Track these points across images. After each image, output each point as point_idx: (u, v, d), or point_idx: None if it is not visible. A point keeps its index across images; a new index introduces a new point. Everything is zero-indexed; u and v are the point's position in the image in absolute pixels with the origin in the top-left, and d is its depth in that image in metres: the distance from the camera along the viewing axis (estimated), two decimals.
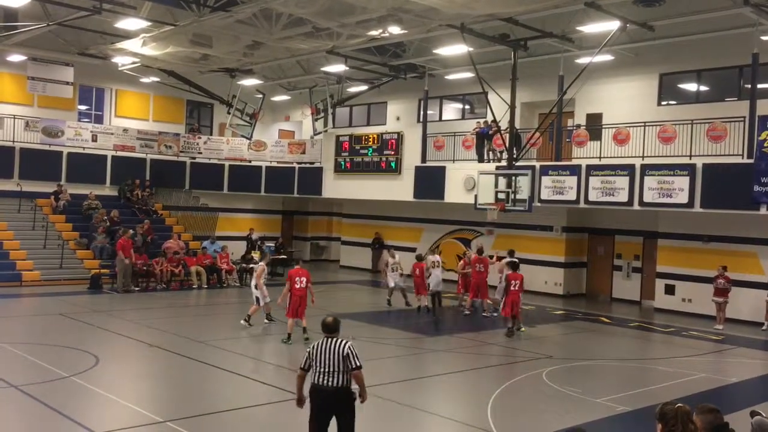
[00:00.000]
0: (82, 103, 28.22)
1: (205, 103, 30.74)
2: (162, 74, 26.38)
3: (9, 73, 25.24)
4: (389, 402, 10.66)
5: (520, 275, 17.02)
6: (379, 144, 26.85)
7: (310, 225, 33.99)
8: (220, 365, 12.52)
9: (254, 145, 29.78)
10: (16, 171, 24.99)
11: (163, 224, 26.93)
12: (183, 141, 29.33)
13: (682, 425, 4.59)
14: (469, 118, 26.31)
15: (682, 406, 4.68)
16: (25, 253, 22.05)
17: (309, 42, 21.29)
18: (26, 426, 9.16)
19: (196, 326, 16.62)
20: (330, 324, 7.39)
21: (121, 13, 18.64)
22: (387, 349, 14.82)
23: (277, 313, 16.63)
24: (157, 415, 9.48)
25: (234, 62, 25.00)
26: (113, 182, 27.34)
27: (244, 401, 10.55)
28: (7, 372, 11.23)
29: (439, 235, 27.65)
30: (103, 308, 18.33)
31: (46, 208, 24.70)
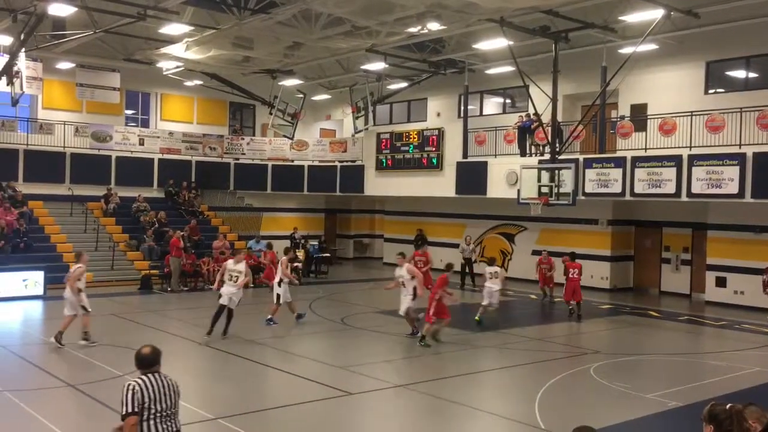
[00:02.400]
0: (129, 107, 28.87)
1: (248, 105, 31.14)
2: (205, 77, 26.84)
3: (58, 81, 25.95)
4: (436, 398, 10.69)
5: (578, 264, 18.77)
6: (420, 140, 26.83)
7: (353, 223, 34.17)
8: (268, 363, 12.71)
9: (296, 145, 30.06)
10: (68, 176, 25.71)
11: (209, 225, 27.39)
12: (227, 142, 29.78)
13: (738, 425, 4.41)
14: (511, 112, 26.11)
15: (734, 405, 4.51)
16: None
17: (348, 41, 21.39)
18: (82, 423, 9.45)
19: (243, 324, 16.84)
20: (148, 356, 5.85)
21: (165, 18, 19.02)
22: (433, 345, 14.82)
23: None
24: (208, 412, 9.68)
25: (275, 63, 25.26)
26: (160, 184, 27.93)
27: (293, 398, 10.68)
28: (64, 371, 11.59)
29: (482, 230, 27.51)
30: (154, 308, 18.76)
31: (97, 211, 25.36)
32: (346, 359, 13.23)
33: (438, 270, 18.65)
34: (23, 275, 19.54)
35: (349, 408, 10.38)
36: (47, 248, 22.51)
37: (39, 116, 26.01)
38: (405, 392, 11.07)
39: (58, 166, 25.45)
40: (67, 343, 13.29)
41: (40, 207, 24.31)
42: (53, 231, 23.55)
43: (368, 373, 12.08)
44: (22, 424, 9.14)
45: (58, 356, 12.74)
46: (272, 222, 30.35)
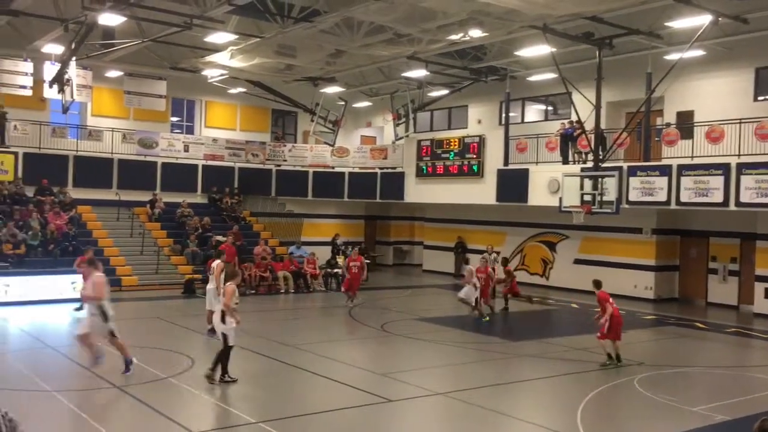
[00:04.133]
0: (174, 114, 29.46)
1: (290, 112, 31.49)
2: (248, 85, 27.24)
3: (107, 88, 26.60)
4: (474, 407, 10.63)
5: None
6: (461, 147, 26.76)
7: (393, 229, 34.21)
8: (309, 368, 12.78)
9: (337, 152, 30.26)
10: (115, 181, 26.32)
11: (251, 230, 27.72)
12: (269, 149, 30.14)
13: None
14: (553, 119, 25.90)
15: None
16: (124, 260, 23.18)
17: (390, 48, 21.48)
18: (129, 424, 9.64)
19: (284, 330, 17.02)
20: None
21: (210, 27, 19.38)
22: (472, 353, 14.76)
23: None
24: (249, 415, 9.79)
25: (317, 71, 25.51)
26: (204, 190, 28.40)
27: (333, 404, 10.74)
28: (111, 373, 11.85)
29: (523, 238, 27.29)
30: (197, 312, 19.02)
31: (143, 216, 25.89)
32: (386, 366, 13.25)
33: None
34: (71, 278, 20.01)
35: (388, 415, 10.40)
36: (95, 252, 22.98)
37: (88, 123, 26.70)
38: (444, 400, 11.04)
39: (106, 171, 26.08)
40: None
41: (89, 211, 24.92)
42: (101, 235, 24.12)
43: (408, 380, 12.08)
44: (69, 423, 9.37)
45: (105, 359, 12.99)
46: (313, 228, 30.57)
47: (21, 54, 23.06)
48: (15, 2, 17.56)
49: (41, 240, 21.81)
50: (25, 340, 15.25)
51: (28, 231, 21.80)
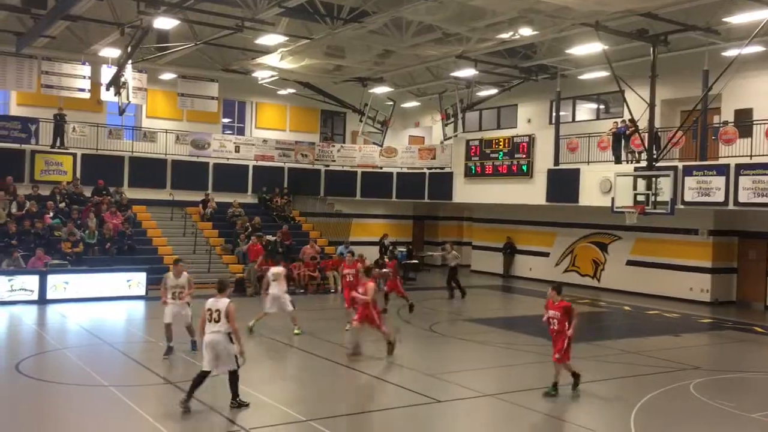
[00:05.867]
0: (226, 116, 29.96)
1: (338, 112, 31.69)
2: (298, 86, 27.52)
3: (161, 91, 27.21)
4: (524, 409, 10.51)
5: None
6: (510, 147, 26.50)
7: (441, 230, 34.09)
8: (357, 367, 12.83)
9: (385, 152, 30.32)
10: (168, 181, 26.92)
11: (300, 230, 27.99)
12: (318, 149, 30.39)
13: None
14: (604, 118, 25.43)
15: None
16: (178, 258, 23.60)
17: (439, 48, 21.43)
18: (182, 419, 9.81)
19: (333, 329, 17.10)
20: None
21: (261, 29, 19.65)
22: (522, 355, 14.60)
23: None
24: (299, 413, 9.87)
25: (365, 71, 25.62)
26: (254, 190, 28.79)
27: (382, 403, 10.76)
28: (165, 369, 12.11)
29: (573, 239, 26.88)
30: (247, 311, 19.28)
31: (195, 215, 26.40)
32: (434, 366, 13.20)
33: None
34: (127, 276, 20.56)
35: (437, 415, 10.36)
36: (149, 251, 23.61)
37: (143, 125, 27.37)
38: (494, 402, 10.95)
39: (160, 172, 26.68)
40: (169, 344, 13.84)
41: (144, 211, 25.54)
42: (155, 234, 24.69)
43: (456, 381, 12.02)
44: (125, 418, 9.60)
45: (157, 355, 13.30)
46: (361, 228, 30.69)
47: (79, 58, 23.77)
48: (74, 8, 18.08)
49: (98, 239, 22.43)
50: (83, 336, 15.70)
51: (85, 230, 22.46)
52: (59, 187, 24.14)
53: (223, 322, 9.85)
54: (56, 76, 23.56)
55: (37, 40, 21.57)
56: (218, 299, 10.04)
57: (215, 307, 9.95)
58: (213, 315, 9.95)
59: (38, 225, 21.83)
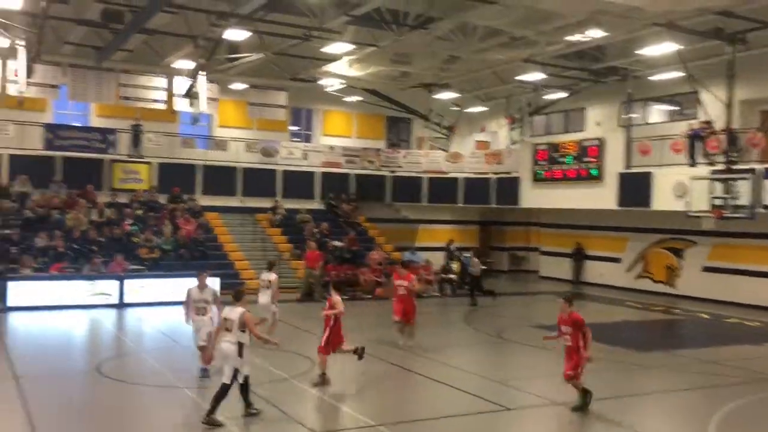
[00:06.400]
0: (294, 123, 30.51)
1: (404, 118, 31.80)
2: (364, 93, 27.78)
3: (232, 100, 27.90)
4: (597, 418, 10.29)
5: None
6: (579, 151, 26.02)
7: (508, 235, 33.72)
8: (424, 373, 12.83)
9: (451, 157, 30.25)
10: (239, 188, 27.58)
11: (367, 236, 28.19)
12: (384, 156, 30.57)
13: None
14: (678, 119, 24.66)
15: None
16: (247, 264, 24.17)
17: (505, 52, 21.28)
18: (255, 421, 10.02)
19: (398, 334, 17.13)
20: None
21: (328, 38, 19.95)
22: (595, 363, 14.23)
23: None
24: (369, 418, 9.94)
25: (431, 77, 25.66)
26: (322, 197, 29.19)
27: (451, 410, 10.71)
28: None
29: (646, 244, 26.15)
30: (316, 315, 19.52)
31: (264, 222, 26.94)
32: (502, 373, 13.09)
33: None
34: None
35: (507, 423, 10.26)
36: (221, 256, 24.21)
37: (215, 134, 28.14)
38: (565, 411, 10.74)
39: (231, 179, 27.36)
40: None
41: (216, 218, 26.22)
42: (226, 240, 25.31)
43: (526, 389, 11.86)
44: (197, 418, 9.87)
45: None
46: (427, 234, 30.67)
47: (155, 70, 24.66)
48: (150, 22, 18.78)
49: (173, 245, 23.17)
50: (159, 338, 16.24)
51: (161, 236, 23.23)
52: (136, 194, 25.09)
53: (235, 331, 9.56)
54: (133, 88, 24.50)
55: (115, 54, 22.45)
56: (234, 308, 9.80)
57: (230, 316, 9.74)
58: (226, 324, 9.74)
59: (117, 232, 22.72)
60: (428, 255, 26.47)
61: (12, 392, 10.82)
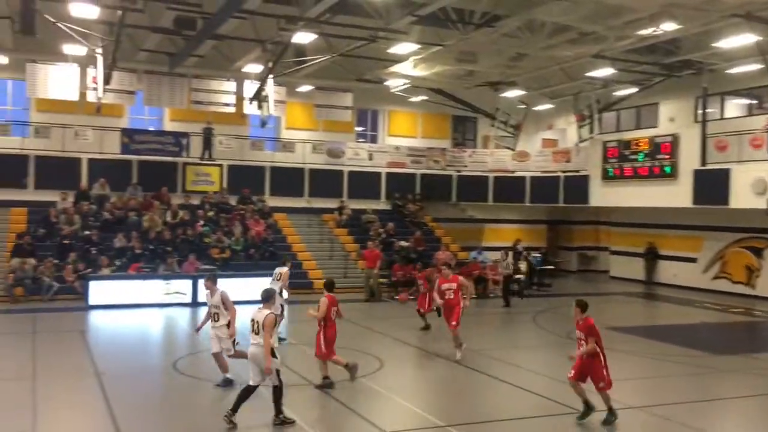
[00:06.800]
0: (359, 124, 30.72)
1: (470, 117, 31.59)
2: (429, 92, 27.72)
3: (299, 103, 28.29)
4: (675, 424, 10.00)
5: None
6: (651, 148, 25.28)
7: (576, 234, 33.07)
8: (493, 374, 12.72)
9: (518, 156, 29.89)
10: (306, 189, 27.97)
11: (433, 236, 28.14)
12: (449, 155, 30.46)
13: None
14: (757, 113, 23.70)
15: None
16: (315, 263, 24.51)
17: (574, 48, 20.88)
18: (326, 420, 10.17)
19: (467, 335, 17.02)
20: None
21: (394, 39, 20.00)
22: (669, 366, 13.88)
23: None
24: (438, 419, 9.93)
25: (497, 75, 25.40)
26: (387, 197, 29.31)
27: (521, 411, 10.60)
28: (307, 371, 12.57)
29: (723, 243, 25.20)
30: (383, 315, 19.65)
31: (331, 222, 27.24)
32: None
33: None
34: (269, 280, 21.42)
35: (580, 426, 10.06)
36: (289, 256, 24.56)
37: (282, 136, 28.62)
38: (642, 415, 10.49)
39: (298, 181, 27.77)
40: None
41: (284, 218, 26.68)
42: (294, 240, 25.71)
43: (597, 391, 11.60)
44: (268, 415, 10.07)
45: (299, 357, 13.84)
46: (494, 233, 30.40)
47: (225, 74, 25.25)
48: (220, 28, 19.24)
49: (243, 245, 23.68)
50: None
51: (232, 237, 23.79)
52: (208, 196, 25.77)
53: (261, 334, 9.33)
54: (204, 93, 25.14)
55: (187, 60, 23.12)
56: (261, 310, 9.60)
57: (257, 318, 9.52)
58: (254, 326, 9.50)
59: (190, 233, 23.39)
60: (495, 255, 26.20)
61: (95, 388, 11.29)
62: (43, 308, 19.06)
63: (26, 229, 22.23)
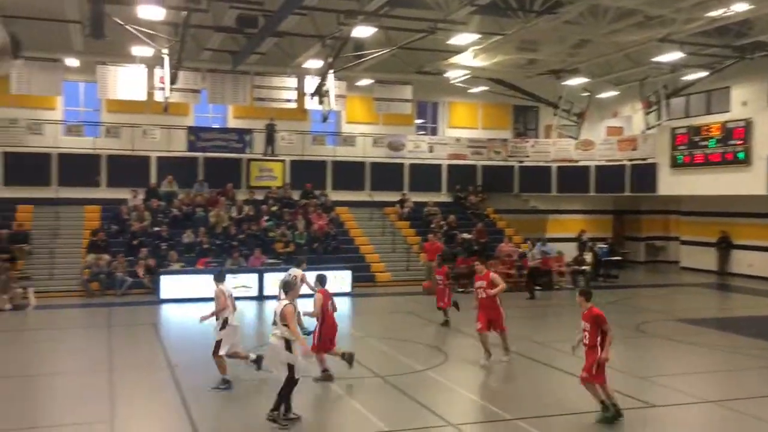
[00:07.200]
0: (419, 117, 30.63)
1: (531, 107, 31.13)
2: (490, 83, 27.40)
3: (359, 97, 28.40)
4: (751, 418, 9.64)
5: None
6: (723, 133, 24.39)
7: (644, 224, 32.22)
8: (560, 366, 12.51)
9: (582, 145, 29.28)
10: (367, 183, 28.10)
11: (495, 227, 27.88)
12: (510, 146, 30.09)
13: None
14: None
15: None
16: (377, 257, 24.63)
17: (639, 33, 20.27)
18: (393, 412, 10.19)
19: (533, 327, 16.86)
20: None
21: (453, 30, 19.82)
22: (745, 359, 13.39)
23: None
24: (505, 412, 9.84)
25: (559, 63, 24.89)
26: (448, 189, 29.18)
27: (590, 405, 10.38)
28: (374, 363, 12.65)
29: None
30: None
31: (392, 215, 27.30)
32: (644, 369, 12.54)
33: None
34: (333, 274, 21.62)
35: (653, 420, 9.82)
36: (352, 250, 24.80)
37: (343, 130, 28.81)
38: (716, 409, 10.15)
39: (359, 174, 27.93)
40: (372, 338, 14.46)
41: (346, 212, 26.89)
42: (356, 234, 25.88)
43: (671, 385, 11.31)
44: (339, 409, 10.19)
45: (367, 350, 13.92)
46: (558, 224, 29.91)
47: (286, 71, 25.56)
48: (281, 25, 19.46)
49: (307, 239, 23.98)
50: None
51: (295, 231, 24.11)
52: (271, 191, 26.18)
53: (280, 325, 9.27)
54: (266, 89, 25.52)
55: (249, 57, 23.48)
56: (281, 301, 9.56)
57: (276, 310, 9.49)
58: (275, 318, 9.47)
59: (255, 227, 23.82)
60: (559, 246, 25.77)
61: (168, 380, 11.63)
62: (117, 302, 19.75)
63: (100, 225, 23.07)
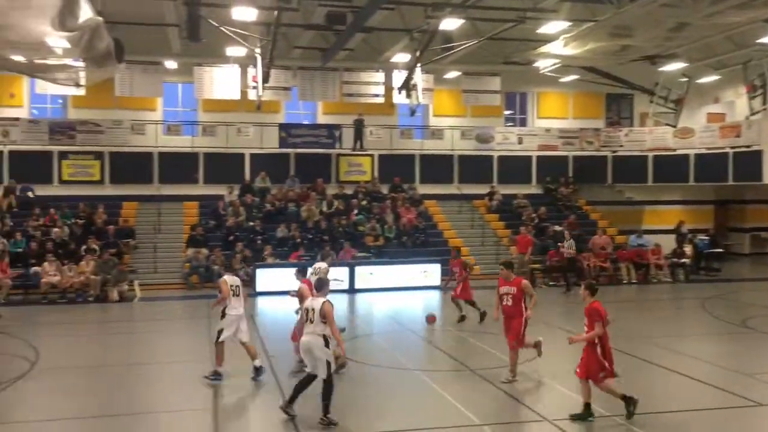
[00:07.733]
0: (508, 108, 30.22)
1: (625, 95, 30.15)
2: (581, 71, 26.69)
3: (446, 89, 28.27)
4: None
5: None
6: None
7: (749, 215, 30.60)
8: (660, 363, 12.12)
9: (680, 133, 28.10)
10: (456, 176, 27.98)
11: (588, 219, 27.18)
12: (604, 135, 29.25)
13: None
14: None
15: None
16: (467, 250, 24.41)
17: (743, 13, 19.19)
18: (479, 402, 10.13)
19: (630, 322, 16.32)
20: None
21: (543, 18, 19.44)
22: None
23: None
24: (604, 409, 9.60)
25: (654, 48, 23.90)
26: (538, 181, 28.67)
27: (690, 403, 10.04)
28: (463, 356, 12.59)
29: None
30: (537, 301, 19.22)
31: (481, 208, 27.08)
32: (751, 366, 11.95)
33: None
34: (422, 267, 21.82)
35: (762, 419, 9.35)
36: (441, 243, 24.75)
37: (430, 123, 28.77)
38: None
39: (447, 167, 27.86)
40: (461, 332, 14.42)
41: (434, 205, 26.88)
42: (445, 227, 25.84)
43: None
44: (432, 400, 10.21)
45: (456, 343, 13.92)
46: (654, 216, 28.86)
47: (374, 66, 25.78)
48: (369, 20, 19.61)
49: (396, 233, 24.14)
50: (387, 322, 17.04)
51: (384, 225, 24.31)
52: (360, 186, 26.50)
53: (318, 323, 9.03)
54: (355, 85, 25.84)
55: (338, 54, 23.81)
56: (315, 298, 9.29)
57: (311, 306, 9.19)
58: (309, 315, 9.18)
59: (345, 221, 24.18)
60: (656, 238, 24.86)
61: (265, 369, 11.99)
62: (215, 295, 20.46)
63: (198, 221, 24.01)
